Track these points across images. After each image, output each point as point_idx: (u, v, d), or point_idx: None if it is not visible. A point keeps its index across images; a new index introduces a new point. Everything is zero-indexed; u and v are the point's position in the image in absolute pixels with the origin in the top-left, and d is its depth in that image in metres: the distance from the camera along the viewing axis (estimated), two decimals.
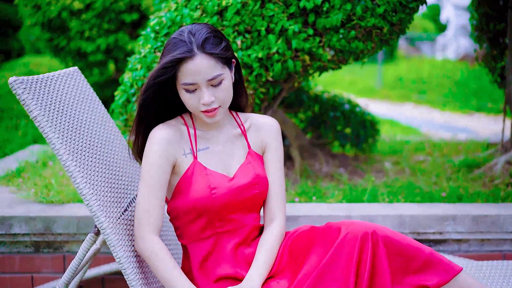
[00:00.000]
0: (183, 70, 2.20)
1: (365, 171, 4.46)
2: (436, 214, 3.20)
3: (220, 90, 2.24)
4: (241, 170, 2.38)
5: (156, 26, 3.64)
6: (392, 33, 3.54)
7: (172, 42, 2.24)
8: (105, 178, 2.53)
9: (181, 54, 2.18)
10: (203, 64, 2.18)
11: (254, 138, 2.46)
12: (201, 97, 2.23)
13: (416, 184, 3.94)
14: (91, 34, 6.76)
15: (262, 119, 2.51)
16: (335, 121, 4.64)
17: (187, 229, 2.38)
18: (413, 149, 5.22)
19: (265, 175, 2.42)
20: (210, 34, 2.23)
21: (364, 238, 2.09)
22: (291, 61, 3.44)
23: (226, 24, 3.42)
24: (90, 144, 2.55)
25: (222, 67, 2.23)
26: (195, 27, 2.25)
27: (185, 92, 2.25)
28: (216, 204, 2.30)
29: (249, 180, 2.36)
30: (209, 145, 2.39)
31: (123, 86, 3.69)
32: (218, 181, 2.31)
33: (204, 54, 2.18)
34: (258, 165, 2.42)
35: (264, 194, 2.40)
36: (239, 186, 2.33)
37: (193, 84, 2.21)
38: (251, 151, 2.44)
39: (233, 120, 2.47)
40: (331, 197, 3.60)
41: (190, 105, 2.27)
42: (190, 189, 2.31)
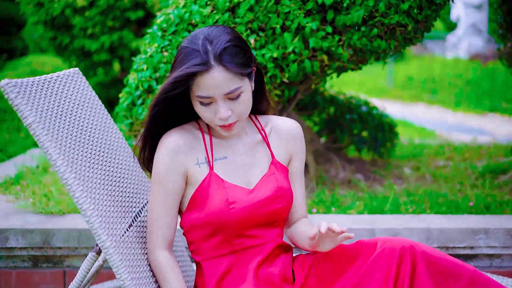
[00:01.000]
0: (197, 83, 1.97)
1: (384, 177, 4.22)
2: (466, 228, 2.96)
3: (238, 104, 2.01)
4: (262, 182, 2.15)
5: (163, 24, 3.40)
6: (417, 31, 3.30)
7: (184, 52, 1.99)
8: (107, 190, 2.30)
9: (196, 68, 1.94)
10: (220, 78, 1.94)
11: (278, 146, 2.22)
12: (217, 111, 2.00)
13: (439, 192, 3.70)
14: (95, 32, 6.54)
15: (284, 123, 2.26)
16: (352, 124, 4.40)
17: (202, 245, 2.17)
18: (433, 154, 4.98)
19: (289, 187, 2.19)
20: (230, 44, 1.97)
21: (403, 252, 1.92)
22: (308, 61, 3.20)
23: (238, 22, 3.19)
24: (91, 154, 2.32)
25: (240, 78, 1.99)
26: (213, 32, 1.98)
27: (199, 104, 2.02)
28: (234, 220, 2.08)
29: (271, 193, 2.13)
30: (227, 154, 2.16)
31: (127, 88, 3.46)
32: (237, 194, 2.09)
33: (222, 67, 1.94)
34: (281, 177, 2.18)
35: (287, 208, 2.18)
36: (260, 200, 2.11)
37: (208, 98, 1.99)
38: (275, 161, 2.20)
39: (252, 125, 2.23)
40: (351, 207, 3.36)
41: (205, 118, 2.05)
42: (206, 203, 2.10)
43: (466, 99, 11.66)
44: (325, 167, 4.20)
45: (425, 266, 1.93)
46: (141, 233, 2.40)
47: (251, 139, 2.19)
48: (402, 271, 1.91)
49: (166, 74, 3.29)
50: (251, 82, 2.06)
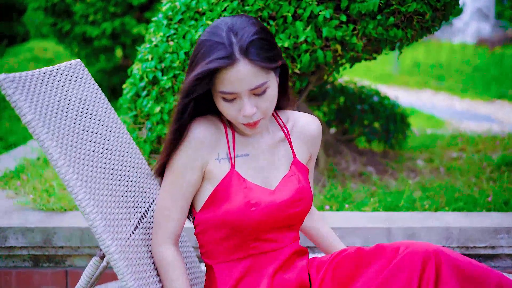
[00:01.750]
0: (221, 78, 1.82)
1: (396, 170, 4.08)
2: (488, 227, 2.83)
3: (263, 100, 1.86)
4: (283, 183, 2.01)
5: (169, 12, 3.26)
6: (435, 19, 3.15)
7: (206, 45, 1.83)
8: (112, 191, 2.17)
9: (220, 62, 1.78)
10: (246, 72, 1.79)
11: (299, 145, 2.09)
12: (242, 108, 1.86)
13: (455, 186, 3.56)
14: (96, 18, 6.37)
15: (306, 121, 2.11)
16: (363, 114, 4.25)
17: (215, 248, 2.03)
18: (445, 145, 4.83)
19: (310, 189, 2.05)
20: (257, 36, 1.82)
21: (427, 257, 1.81)
22: (321, 51, 3.06)
23: (248, 10, 3.04)
24: (93, 152, 2.19)
25: (267, 73, 1.84)
26: (237, 23, 1.83)
27: (222, 100, 1.87)
28: (254, 222, 1.94)
29: (292, 194, 1.99)
30: (249, 151, 2.02)
31: (131, 79, 3.32)
32: (258, 195, 1.95)
33: (248, 60, 1.78)
34: (303, 178, 2.05)
35: (307, 210, 2.04)
36: (281, 202, 1.97)
37: (232, 94, 1.84)
38: (296, 161, 2.06)
39: (274, 122, 2.09)
40: (365, 203, 3.22)
41: (228, 115, 1.91)
42: (225, 202, 1.95)
43: (473, 86, 11.47)
44: (335, 159, 4.06)
45: (450, 272, 1.81)
46: (147, 235, 2.27)
47: (273, 136, 2.05)
48: (425, 276, 1.79)
49: (171, 64, 3.14)
50: (277, 77, 1.91)
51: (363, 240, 2.82)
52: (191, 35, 3.13)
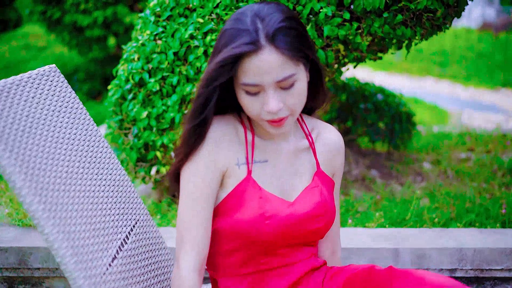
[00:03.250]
0: (244, 67, 1.60)
1: (401, 173, 3.84)
2: (504, 247, 2.58)
3: (291, 95, 1.63)
4: (304, 195, 1.78)
5: (157, 8, 2.99)
6: (446, 16, 2.88)
7: (229, 33, 1.63)
8: (86, 218, 1.94)
9: (243, 47, 1.57)
10: (272, 61, 1.58)
11: (324, 156, 1.86)
12: (266, 102, 1.63)
13: (465, 195, 3.32)
14: (87, 7, 6.09)
15: (330, 133, 1.89)
16: (366, 113, 3.99)
17: (223, 260, 1.82)
18: (453, 144, 4.58)
19: (333, 204, 1.82)
20: (285, 23, 1.60)
21: None
22: (322, 51, 2.80)
23: (241, 5, 2.77)
24: (67, 173, 1.96)
25: (296, 64, 1.61)
26: (264, 9, 1.63)
27: (245, 94, 1.65)
28: (267, 236, 1.72)
29: (312, 208, 1.76)
30: (268, 157, 1.79)
31: (117, 80, 3.05)
32: (275, 207, 1.73)
33: (274, 48, 1.58)
34: (326, 191, 1.82)
35: (328, 227, 1.81)
36: (299, 216, 1.74)
37: (256, 86, 1.61)
38: (320, 171, 1.83)
39: (299, 128, 1.86)
40: (368, 216, 2.97)
41: (251, 111, 1.67)
42: (238, 212, 1.73)
43: (477, 73, 11.19)
44: None
45: None
46: (127, 265, 2.04)
47: (297, 143, 1.83)
48: None
49: (159, 65, 2.88)
50: (307, 71, 1.69)
51: (369, 262, 2.58)
52: (181, 33, 2.86)
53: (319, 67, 1.73)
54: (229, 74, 1.62)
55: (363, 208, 3.16)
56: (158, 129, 2.91)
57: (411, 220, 2.94)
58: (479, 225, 2.94)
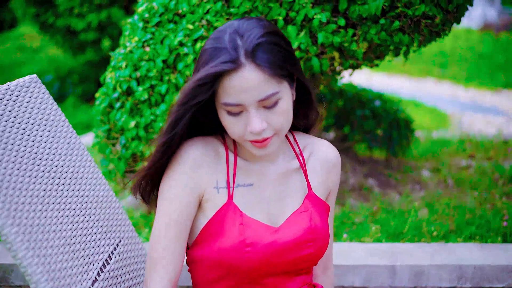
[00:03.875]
0: (224, 86, 1.51)
1: (399, 182, 3.73)
2: (506, 264, 2.47)
3: (275, 114, 1.54)
4: (291, 220, 1.67)
5: (145, 13, 2.88)
6: (445, 23, 2.77)
7: (209, 52, 1.54)
8: (65, 239, 1.84)
9: (222, 66, 1.48)
10: (253, 79, 1.50)
11: (317, 177, 1.75)
12: (248, 122, 1.53)
13: (465, 205, 3.21)
14: (82, 11, 5.98)
15: (325, 150, 1.78)
16: (363, 120, 3.89)
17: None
18: (453, 151, 4.47)
19: (327, 228, 1.71)
20: (265, 38, 1.51)
21: None
22: (316, 59, 2.69)
23: (233, 12, 2.67)
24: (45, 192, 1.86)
25: (278, 82, 1.52)
26: (244, 25, 1.55)
27: (226, 114, 1.55)
28: (249, 265, 1.62)
29: (300, 234, 1.65)
30: (254, 180, 1.69)
31: (104, 88, 2.95)
32: (257, 234, 1.62)
33: (255, 65, 1.49)
34: (318, 214, 1.70)
35: (320, 253, 1.70)
36: (284, 243, 1.63)
37: (238, 105, 1.52)
38: (312, 194, 1.71)
39: (289, 147, 1.75)
40: (365, 229, 2.87)
41: (233, 132, 1.57)
42: (219, 240, 1.63)
43: (478, 74, 11.08)
44: None
45: None
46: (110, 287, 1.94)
47: (286, 164, 1.73)
48: None
49: (148, 73, 2.77)
50: (292, 89, 1.59)
51: (364, 280, 2.47)
52: (170, 40, 2.76)
53: (306, 85, 1.64)
54: (208, 93, 1.52)
55: (360, 219, 3.05)
56: (146, 139, 2.80)
57: (409, 233, 2.84)
58: (479, 238, 2.83)
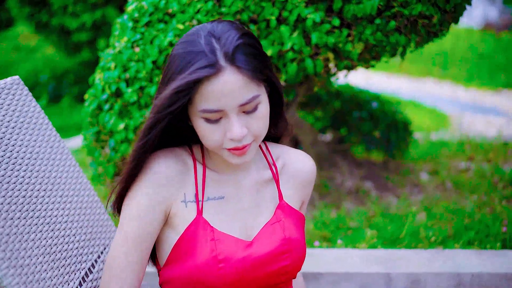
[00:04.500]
0: (203, 92, 1.42)
1: (397, 184, 3.65)
2: (505, 272, 2.40)
3: (255, 119, 1.47)
4: (264, 232, 1.60)
5: (135, 13, 2.81)
6: (443, 23, 2.69)
7: (182, 57, 1.45)
8: (45, 248, 1.79)
9: (201, 72, 1.40)
10: (234, 83, 1.42)
11: (290, 187, 1.68)
12: (229, 129, 1.45)
13: (464, 210, 3.14)
14: (76, 10, 5.90)
15: (299, 160, 1.71)
16: (360, 122, 3.81)
17: None
18: (452, 154, 4.39)
19: (302, 239, 1.63)
20: (243, 41, 1.46)
21: None
22: (310, 60, 2.62)
23: (224, 12, 2.60)
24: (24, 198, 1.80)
25: (258, 85, 1.47)
26: (218, 28, 1.48)
27: (204, 122, 1.46)
28: (224, 281, 1.53)
29: (274, 246, 1.57)
30: (225, 193, 1.61)
31: (93, 90, 2.87)
32: (229, 249, 1.54)
33: (235, 68, 1.42)
34: (291, 224, 1.63)
35: (298, 265, 1.62)
36: (258, 257, 1.56)
37: (218, 111, 1.43)
38: (284, 204, 1.65)
39: (262, 158, 1.68)
40: (360, 235, 2.79)
41: (211, 141, 1.48)
42: (190, 258, 1.54)
43: (479, 74, 10.99)
44: (329, 172, 3.63)
45: None
46: None
47: (258, 175, 1.65)
48: None
49: (137, 75, 2.70)
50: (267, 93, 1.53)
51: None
52: (160, 40, 2.68)
53: (279, 91, 1.57)
54: (184, 100, 1.44)
55: (355, 224, 2.98)
56: None
57: (406, 239, 2.76)
58: (478, 244, 2.76)
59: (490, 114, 8.34)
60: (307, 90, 3.07)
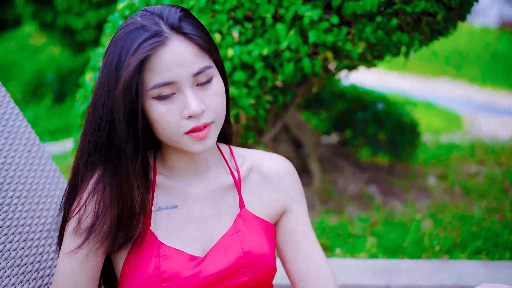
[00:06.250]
0: (152, 67, 1.31)
1: (403, 189, 3.52)
2: None
3: (211, 96, 1.36)
4: (219, 246, 1.45)
5: (126, 10, 2.70)
6: (448, 20, 2.55)
7: (123, 40, 1.33)
8: (14, 260, 1.71)
9: (147, 44, 1.30)
10: (184, 51, 1.33)
11: (257, 192, 1.54)
12: (186, 106, 1.33)
13: (472, 216, 3.00)
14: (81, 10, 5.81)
15: (268, 161, 1.57)
16: (365, 124, 3.67)
17: None
18: (462, 156, 4.24)
19: (267, 251, 1.47)
20: (186, 13, 1.38)
21: None
22: (308, 59, 2.49)
23: (218, 9, 2.48)
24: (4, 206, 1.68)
25: (210, 57, 1.38)
26: (156, 8, 1.38)
27: (157, 102, 1.34)
28: None
29: (230, 261, 1.43)
30: (179, 201, 1.47)
31: (83, 90, 2.76)
32: (176, 266, 1.40)
33: (183, 36, 1.34)
34: (253, 235, 1.47)
35: (262, 280, 1.46)
36: (210, 275, 1.41)
37: (170, 84, 1.32)
38: (245, 212, 1.50)
39: (222, 162, 1.55)
40: (361, 243, 2.66)
41: (168, 125, 1.35)
42: (135, 276, 1.41)
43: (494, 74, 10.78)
44: (332, 176, 3.51)
45: None
46: None
47: (217, 180, 1.51)
48: None
49: None
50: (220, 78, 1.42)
51: None
52: None
53: (226, 84, 1.46)
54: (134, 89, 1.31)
55: (357, 231, 2.85)
56: None
57: (408, 248, 2.63)
58: (485, 253, 2.62)
59: (505, 115, 8.16)
60: (306, 91, 2.93)
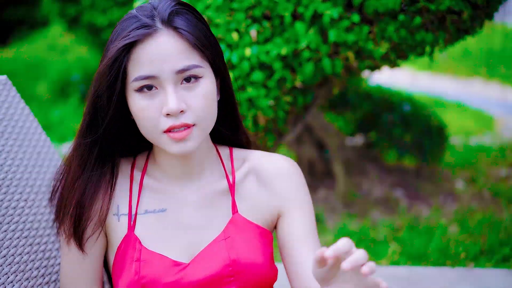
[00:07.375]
0: (137, 57, 1.29)
1: (430, 193, 3.42)
2: None
3: (196, 97, 1.30)
4: (206, 252, 1.39)
5: None
6: (475, 19, 2.45)
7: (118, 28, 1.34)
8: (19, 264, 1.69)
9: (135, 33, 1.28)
10: (170, 46, 1.29)
11: (253, 196, 1.46)
12: (165, 101, 1.28)
13: (500, 222, 2.89)
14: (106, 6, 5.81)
15: (268, 162, 1.49)
16: (391, 126, 3.58)
17: None
18: (492, 159, 4.12)
19: (258, 260, 1.38)
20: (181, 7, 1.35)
21: None
22: (328, 59, 2.42)
23: (235, 7, 2.42)
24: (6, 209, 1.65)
25: (201, 56, 1.32)
26: (155, 1, 1.36)
27: (138, 96, 1.31)
28: None
29: (215, 270, 1.36)
30: (168, 205, 1.43)
31: None
32: (156, 272, 1.36)
33: (173, 30, 1.30)
34: (243, 242, 1.40)
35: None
36: (191, 282, 1.36)
37: (151, 78, 1.29)
38: (238, 218, 1.43)
39: (219, 166, 1.48)
40: (383, 249, 2.58)
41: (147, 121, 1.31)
42: (119, 279, 1.38)
43: None
44: (356, 179, 3.42)
45: None
46: None
47: (211, 185, 1.46)
48: None
49: None
50: (217, 81, 1.38)
51: None
52: None
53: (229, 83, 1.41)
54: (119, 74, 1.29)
55: (380, 237, 2.76)
56: None
57: (433, 255, 2.54)
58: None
59: None
60: (327, 92, 2.86)
